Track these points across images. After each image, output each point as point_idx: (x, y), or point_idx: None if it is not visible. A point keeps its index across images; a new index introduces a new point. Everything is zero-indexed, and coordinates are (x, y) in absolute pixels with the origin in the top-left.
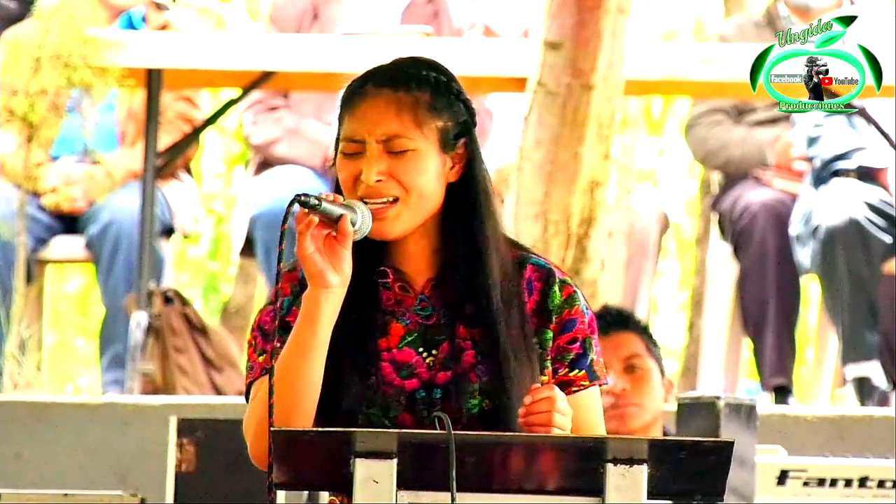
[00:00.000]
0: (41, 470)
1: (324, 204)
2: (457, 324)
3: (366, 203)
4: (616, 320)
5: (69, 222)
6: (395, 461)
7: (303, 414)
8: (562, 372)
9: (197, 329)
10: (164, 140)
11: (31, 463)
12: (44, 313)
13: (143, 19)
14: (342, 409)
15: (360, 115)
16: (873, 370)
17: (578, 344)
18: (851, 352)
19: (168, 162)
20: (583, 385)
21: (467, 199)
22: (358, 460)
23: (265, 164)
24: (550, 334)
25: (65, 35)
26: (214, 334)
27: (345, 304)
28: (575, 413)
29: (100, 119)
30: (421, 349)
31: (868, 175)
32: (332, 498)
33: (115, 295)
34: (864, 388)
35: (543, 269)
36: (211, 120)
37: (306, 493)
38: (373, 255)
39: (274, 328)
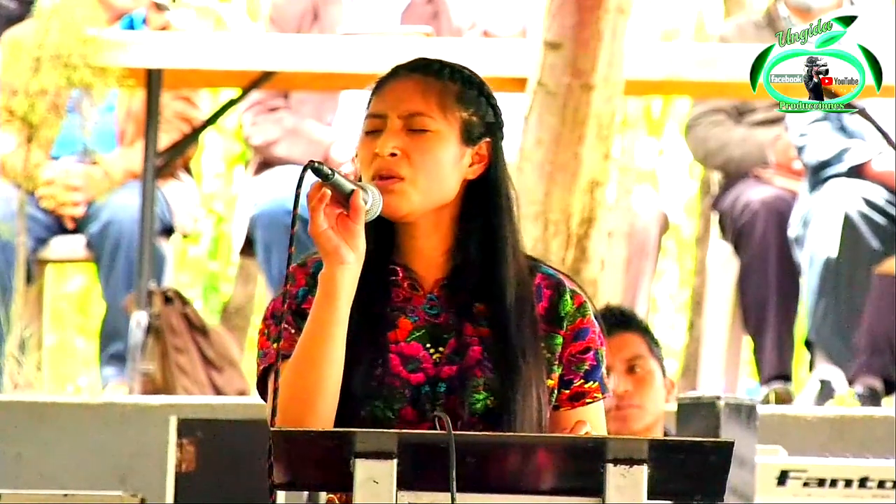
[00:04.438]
0: (41, 470)
1: (336, 176)
2: (465, 322)
3: (377, 179)
4: (619, 321)
5: (67, 220)
6: (395, 461)
7: (328, 393)
8: (577, 383)
9: (197, 329)
10: (163, 140)
11: (31, 463)
12: (44, 313)
13: (144, 21)
14: (348, 399)
15: (386, 94)
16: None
17: (592, 355)
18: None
19: (167, 162)
20: (596, 397)
21: (486, 200)
22: (358, 460)
23: (265, 164)
24: (560, 339)
25: (65, 35)
26: (214, 334)
27: (354, 297)
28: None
29: (100, 119)
30: (428, 345)
31: (859, 172)
32: (331, 496)
33: (116, 294)
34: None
35: (553, 277)
36: (211, 120)
37: (306, 493)
38: (384, 252)
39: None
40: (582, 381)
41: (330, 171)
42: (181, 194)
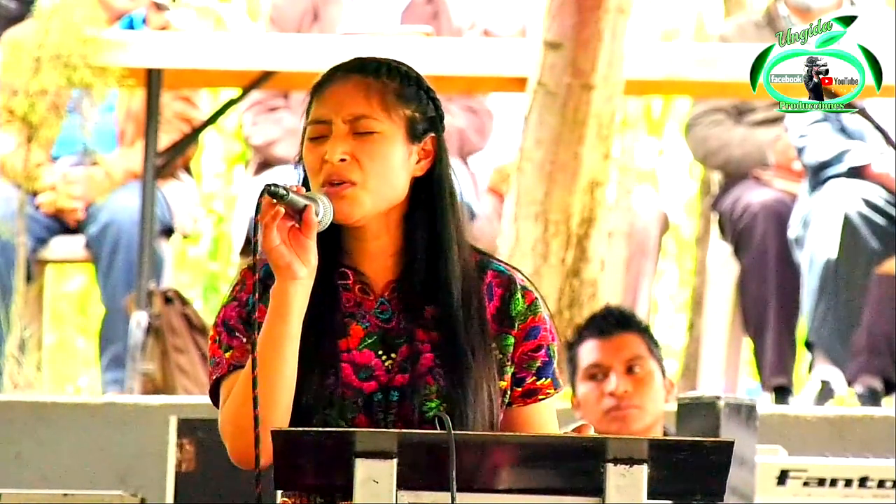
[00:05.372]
0: (41, 470)
1: (291, 194)
2: (416, 327)
3: (327, 186)
4: (618, 321)
5: (69, 222)
6: (395, 461)
7: (280, 407)
8: (529, 380)
9: (197, 329)
10: (163, 140)
11: (31, 463)
12: (44, 313)
13: (144, 21)
14: (300, 409)
15: (328, 98)
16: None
17: (544, 352)
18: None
19: (167, 162)
20: (548, 393)
21: (432, 196)
22: (358, 460)
23: (265, 163)
24: (512, 340)
25: (65, 35)
26: None
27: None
28: (539, 422)
29: (100, 119)
30: (380, 352)
31: (859, 173)
32: (285, 499)
33: (115, 295)
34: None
35: (504, 274)
36: (211, 120)
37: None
38: (334, 255)
39: (239, 324)
40: (534, 378)
41: (284, 192)
42: (181, 194)
